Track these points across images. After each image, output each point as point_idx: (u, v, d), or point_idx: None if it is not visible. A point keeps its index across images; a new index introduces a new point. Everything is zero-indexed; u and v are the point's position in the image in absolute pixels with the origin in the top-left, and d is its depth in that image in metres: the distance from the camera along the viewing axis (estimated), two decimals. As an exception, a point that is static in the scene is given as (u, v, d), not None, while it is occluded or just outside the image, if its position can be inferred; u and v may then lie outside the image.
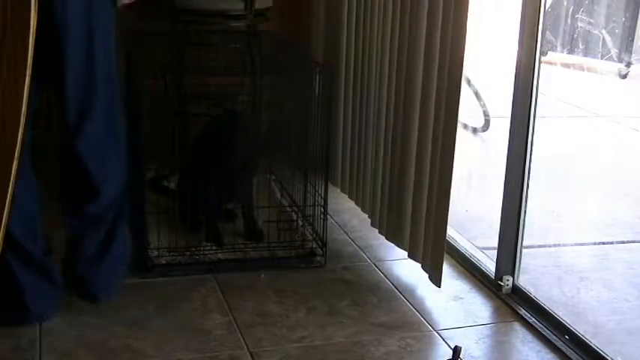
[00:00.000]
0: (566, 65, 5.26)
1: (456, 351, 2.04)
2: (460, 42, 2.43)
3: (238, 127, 2.88)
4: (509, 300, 2.63)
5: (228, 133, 2.87)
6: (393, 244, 2.92)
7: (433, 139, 2.60)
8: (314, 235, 2.96)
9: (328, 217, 2.95)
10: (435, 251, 2.62)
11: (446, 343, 2.38)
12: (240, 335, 2.38)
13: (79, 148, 2.28)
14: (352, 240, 3.12)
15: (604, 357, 2.26)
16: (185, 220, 2.99)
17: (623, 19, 5.34)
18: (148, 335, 2.35)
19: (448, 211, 2.55)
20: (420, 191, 2.70)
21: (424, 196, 2.68)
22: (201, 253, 2.82)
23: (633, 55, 5.39)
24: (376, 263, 2.91)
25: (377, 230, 3.04)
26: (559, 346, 2.36)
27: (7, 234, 2.03)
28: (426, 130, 2.64)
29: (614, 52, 5.33)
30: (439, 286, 2.62)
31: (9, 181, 1.72)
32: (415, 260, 2.76)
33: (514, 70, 2.53)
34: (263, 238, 2.93)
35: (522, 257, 2.66)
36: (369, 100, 3.08)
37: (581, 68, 5.38)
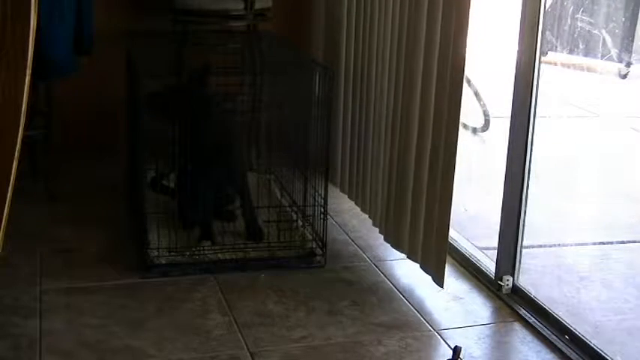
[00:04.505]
0: (566, 65, 5.25)
1: (456, 351, 2.05)
2: (461, 41, 2.43)
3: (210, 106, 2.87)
4: (509, 300, 2.63)
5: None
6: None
7: (433, 139, 2.60)
8: (314, 235, 2.96)
9: (328, 217, 2.95)
10: (437, 251, 2.61)
11: (446, 343, 2.38)
12: (240, 335, 2.37)
13: None
14: (352, 240, 3.12)
15: (604, 357, 2.26)
16: (181, 219, 2.99)
17: (623, 19, 5.33)
18: (148, 335, 2.35)
19: (450, 210, 2.55)
20: (420, 191, 2.70)
21: (424, 196, 2.67)
22: (202, 253, 2.82)
23: (633, 55, 5.38)
24: (376, 263, 2.91)
25: (377, 230, 3.04)
26: (559, 346, 2.36)
27: None
28: (426, 130, 2.64)
29: (614, 52, 5.32)
30: (442, 287, 2.62)
31: (9, 181, 1.72)
32: (414, 261, 2.75)
33: (514, 70, 2.53)
34: (263, 238, 2.93)
35: (522, 257, 2.66)
36: (369, 100, 3.08)
37: (581, 68, 5.36)
